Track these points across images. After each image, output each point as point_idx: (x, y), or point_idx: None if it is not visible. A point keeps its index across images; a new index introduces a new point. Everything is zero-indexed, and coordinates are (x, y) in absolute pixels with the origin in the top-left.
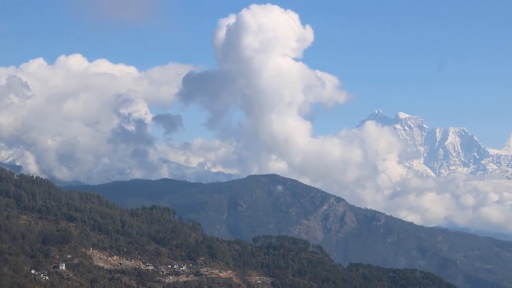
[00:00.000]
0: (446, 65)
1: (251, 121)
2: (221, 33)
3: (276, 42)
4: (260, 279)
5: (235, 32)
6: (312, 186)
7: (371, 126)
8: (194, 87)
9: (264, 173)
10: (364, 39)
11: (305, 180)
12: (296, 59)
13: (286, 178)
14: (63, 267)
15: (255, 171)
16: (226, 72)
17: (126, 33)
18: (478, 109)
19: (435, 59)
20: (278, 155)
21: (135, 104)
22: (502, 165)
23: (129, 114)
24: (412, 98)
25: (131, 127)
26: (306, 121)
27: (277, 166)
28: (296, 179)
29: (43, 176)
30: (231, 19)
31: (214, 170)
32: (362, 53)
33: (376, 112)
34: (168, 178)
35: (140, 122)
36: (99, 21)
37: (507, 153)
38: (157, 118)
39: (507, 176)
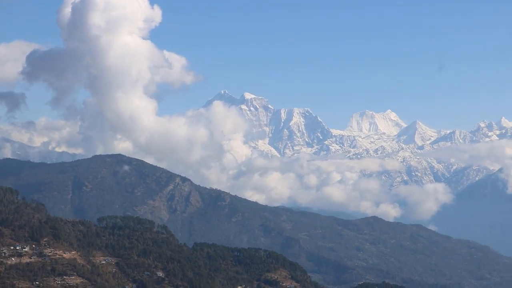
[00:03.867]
0: (290, 47)
1: (96, 100)
2: (67, 11)
3: (123, 21)
4: (105, 260)
5: (81, 10)
6: (158, 166)
7: (218, 107)
8: (39, 65)
9: (110, 153)
10: (212, 21)
11: (150, 160)
12: (143, 38)
13: (132, 158)
14: None
15: (100, 150)
16: (72, 50)
17: None
18: (322, 90)
19: (282, 41)
20: (123, 134)
21: None
22: (345, 145)
23: None
24: (257, 79)
25: None
26: (152, 100)
27: (122, 146)
28: (141, 158)
29: None
30: None
31: (58, 150)
32: (209, 34)
33: (222, 92)
34: (10, 158)
35: None
36: None
37: (349, 134)
38: None
39: (349, 157)
